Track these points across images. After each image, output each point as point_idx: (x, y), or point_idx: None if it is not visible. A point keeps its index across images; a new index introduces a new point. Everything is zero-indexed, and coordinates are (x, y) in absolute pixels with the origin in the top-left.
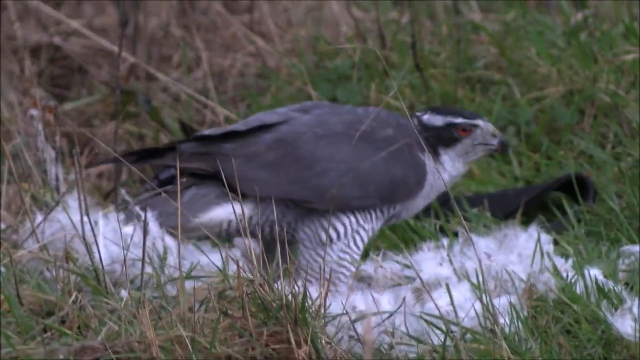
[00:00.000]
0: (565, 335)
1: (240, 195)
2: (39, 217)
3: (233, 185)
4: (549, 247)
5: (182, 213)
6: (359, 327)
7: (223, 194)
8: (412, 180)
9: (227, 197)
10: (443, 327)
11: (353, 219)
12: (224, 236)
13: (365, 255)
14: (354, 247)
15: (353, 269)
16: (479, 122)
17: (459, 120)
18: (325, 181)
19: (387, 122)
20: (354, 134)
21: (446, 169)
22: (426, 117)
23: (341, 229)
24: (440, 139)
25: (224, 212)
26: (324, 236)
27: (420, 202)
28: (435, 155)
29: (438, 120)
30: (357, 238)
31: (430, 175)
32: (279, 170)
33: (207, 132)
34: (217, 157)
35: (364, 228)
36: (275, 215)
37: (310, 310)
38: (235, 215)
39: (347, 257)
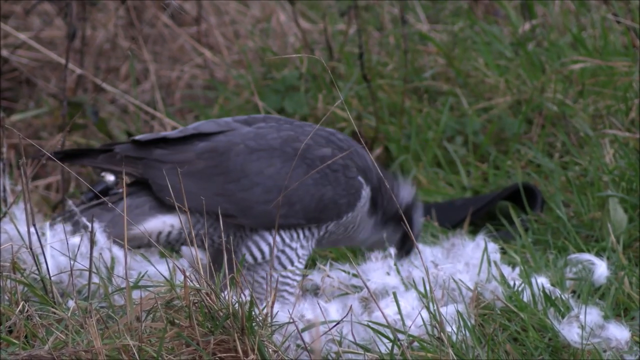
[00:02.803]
0: (512, 343)
1: (173, 203)
2: None
3: (163, 194)
4: (496, 256)
5: (119, 222)
6: (307, 336)
7: (157, 204)
8: (344, 201)
9: (160, 208)
10: (390, 336)
11: (278, 239)
12: (164, 245)
13: (312, 265)
14: (288, 265)
15: (295, 284)
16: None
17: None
18: (251, 196)
19: (329, 141)
20: (288, 150)
21: (375, 230)
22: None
23: (266, 248)
24: (397, 220)
25: (158, 223)
26: (248, 255)
27: (340, 232)
28: (383, 219)
29: (418, 224)
30: (283, 257)
31: (361, 210)
32: (206, 180)
33: (142, 136)
34: (148, 162)
35: (290, 247)
36: (206, 229)
37: (258, 319)
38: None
39: (288, 275)
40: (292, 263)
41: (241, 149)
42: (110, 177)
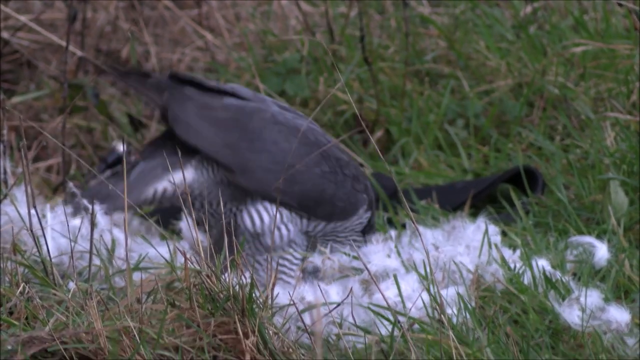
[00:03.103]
0: (512, 326)
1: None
2: None
3: (176, 125)
4: (496, 239)
5: (132, 190)
6: (307, 318)
7: (169, 163)
8: (340, 204)
9: (173, 166)
10: (391, 318)
11: (271, 211)
12: (170, 202)
13: (313, 247)
14: (284, 239)
15: (295, 268)
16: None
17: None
18: (257, 159)
19: (348, 159)
20: (310, 138)
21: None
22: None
23: (266, 218)
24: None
25: (165, 182)
26: (248, 222)
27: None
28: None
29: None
30: (277, 233)
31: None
32: (222, 129)
33: (183, 73)
34: (175, 94)
35: (286, 226)
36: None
37: (258, 301)
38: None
39: (287, 257)
40: (286, 241)
41: (267, 117)
42: (121, 147)
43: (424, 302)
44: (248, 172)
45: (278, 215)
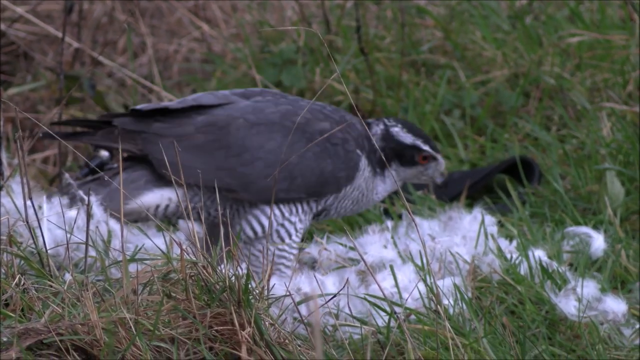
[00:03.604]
0: (509, 316)
1: (172, 178)
2: None
3: (163, 169)
4: (493, 229)
5: (115, 197)
6: (303, 309)
7: (153, 178)
8: (342, 174)
9: (156, 182)
10: (387, 309)
11: (278, 212)
12: (161, 219)
13: (310, 238)
14: (286, 238)
15: (291, 258)
16: (439, 157)
17: (426, 147)
18: (252, 170)
19: (326, 115)
20: (288, 125)
21: (386, 182)
22: (395, 130)
23: (266, 222)
24: (398, 156)
25: (156, 196)
26: (248, 228)
27: (348, 204)
28: (382, 167)
29: (407, 139)
30: (282, 231)
31: (362, 180)
32: (206, 155)
33: (141, 106)
34: (147, 136)
35: (289, 221)
36: (202, 202)
37: (254, 292)
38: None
39: (285, 248)
40: (290, 236)
41: (241, 123)
42: (105, 153)
43: (420, 293)
44: (249, 186)
45: (292, 209)
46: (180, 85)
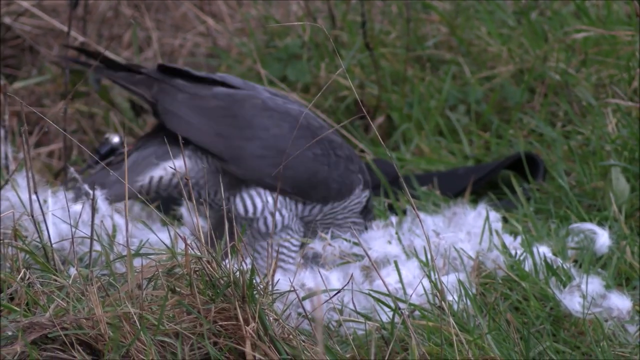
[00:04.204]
0: (513, 312)
1: (180, 129)
2: None
3: (167, 119)
4: (497, 225)
5: (122, 180)
6: (307, 304)
7: (163, 152)
8: (334, 186)
9: (166, 155)
10: (391, 305)
11: (270, 199)
12: (165, 191)
13: (314, 233)
14: (278, 226)
15: (295, 254)
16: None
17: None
18: (248, 146)
19: (341, 141)
20: (302, 122)
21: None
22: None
23: (259, 204)
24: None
25: (161, 170)
26: (241, 208)
27: (331, 222)
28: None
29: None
30: (270, 219)
31: (349, 207)
32: (212, 119)
33: (172, 65)
34: (164, 86)
35: (280, 212)
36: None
37: (259, 288)
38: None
39: (286, 245)
40: (276, 227)
41: (257, 103)
42: (115, 139)
43: (424, 289)
44: (240, 160)
45: (271, 201)
46: None
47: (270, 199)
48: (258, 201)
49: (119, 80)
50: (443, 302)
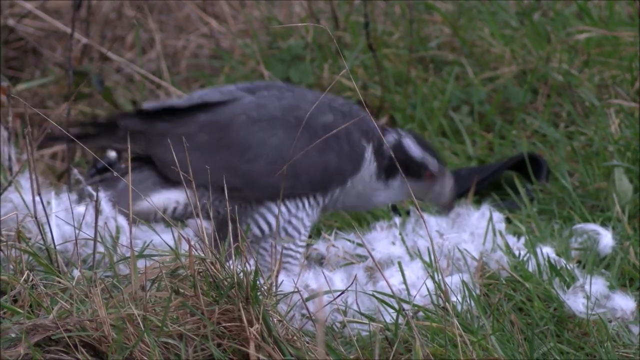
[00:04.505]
0: (517, 313)
1: (177, 178)
2: None
3: (166, 169)
4: (501, 226)
5: (123, 197)
6: (311, 306)
7: (159, 180)
8: (347, 167)
9: (163, 183)
10: (395, 306)
11: (284, 209)
12: (171, 218)
13: (317, 234)
14: (295, 235)
15: (299, 255)
16: (446, 177)
17: (433, 166)
18: (255, 168)
19: (332, 108)
20: (290, 120)
21: (389, 191)
22: (406, 142)
23: (273, 220)
24: (406, 168)
25: (162, 198)
26: (255, 227)
27: (353, 197)
28: (388, 176)
29: (416, 152)
30: (290, 228)
31: (367, 172)
32: (210, 154)
33: (147, 105)
34: (150, 137)
35: (296, 217)
36: (210, 201)
37: (262, 289)
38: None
39: (291, 246)
40: (299, 233)
41: (243, 121)
42: (112, 153)
43: (428, 290)
44: (253, 184)
45: (300, 205)
46: (188, 81)
47: (290, 208)
48: (270, 217)
49: (103, 144)
50: (447, 303)
